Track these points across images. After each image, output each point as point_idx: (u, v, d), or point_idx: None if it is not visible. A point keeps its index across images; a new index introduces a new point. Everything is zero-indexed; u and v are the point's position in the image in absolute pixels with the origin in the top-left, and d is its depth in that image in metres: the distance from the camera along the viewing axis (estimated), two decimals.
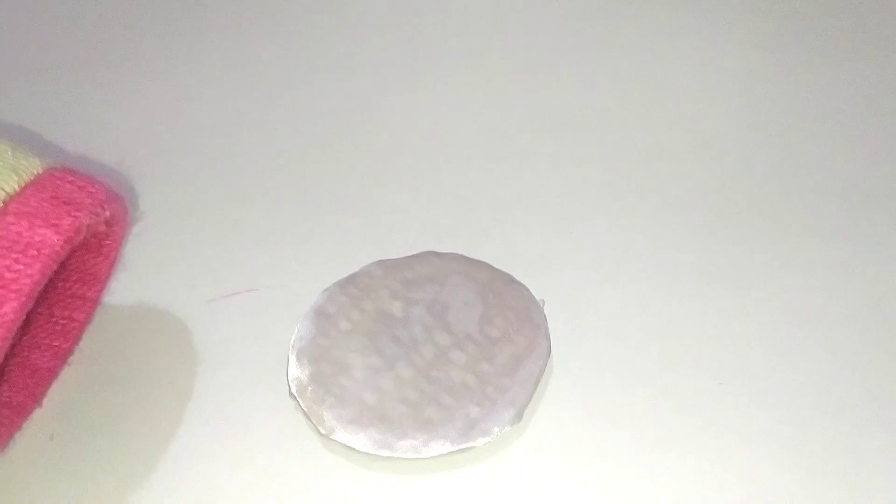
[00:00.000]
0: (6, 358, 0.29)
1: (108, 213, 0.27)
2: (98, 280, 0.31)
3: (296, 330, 0.30)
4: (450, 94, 0.39)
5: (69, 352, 0.30)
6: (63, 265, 0.30)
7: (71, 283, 0.30)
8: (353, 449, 0.28)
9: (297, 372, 0.29)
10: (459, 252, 0.33)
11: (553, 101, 0.38)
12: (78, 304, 0.31)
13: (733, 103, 0.38)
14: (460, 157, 0.36)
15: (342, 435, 0.28)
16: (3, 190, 0.25)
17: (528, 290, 0.31)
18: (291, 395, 0.29)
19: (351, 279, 0.32)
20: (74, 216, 0.25)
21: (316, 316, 0.30)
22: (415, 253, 0.33)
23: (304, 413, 0.28)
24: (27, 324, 0.30)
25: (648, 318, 0.31)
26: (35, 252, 0.24)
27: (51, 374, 0.30)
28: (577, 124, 0.37)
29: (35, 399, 0.29)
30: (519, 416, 0.28)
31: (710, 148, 0.36)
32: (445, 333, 0.30)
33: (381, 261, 0.32)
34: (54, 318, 0.30)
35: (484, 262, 0.32)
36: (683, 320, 0.31)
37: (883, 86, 0.39)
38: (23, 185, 0.25)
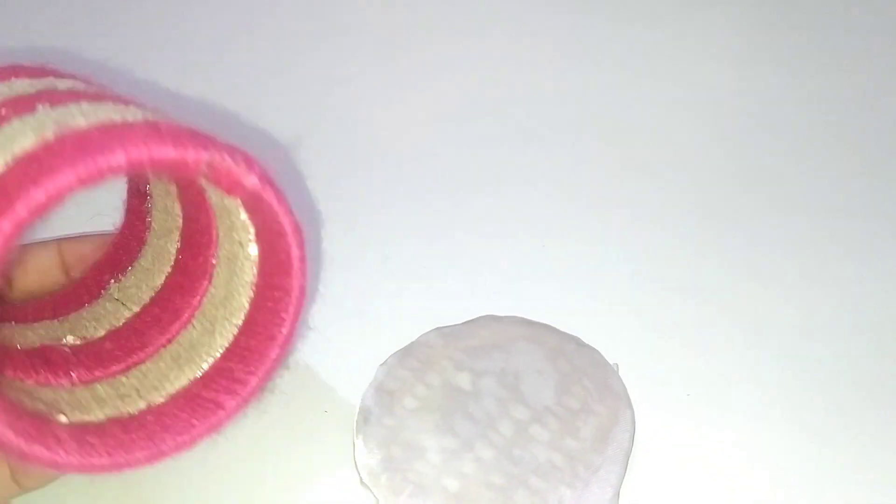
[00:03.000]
0: None
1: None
2: None
3: (357, 410, 0.28)
4: (499, 148, 0.37)
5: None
6: None
7: None
8: None
9: (366, 458, 0.27)
10: (518, 315, 0.31)
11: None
12: None
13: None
14: (512, 215, 0.35)
15: None
16: None
17: (600, 354, 0.29)
18: (363, 483, 0.26)
19: (409, 350, 0.29)
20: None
21: (377, 393, 0.28)
22: (472, 318, 0.31)
23: None
24: None
25: (731, 371, 0.30)
26: None
27: None
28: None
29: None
30: (616, 497, 0.26)
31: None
32: (522, 406, 0.28)
33: (438, 328, 0.30)
34: None
35: (547, 325, 0.30)
36: (775, 371, 0.30)
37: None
38: None
